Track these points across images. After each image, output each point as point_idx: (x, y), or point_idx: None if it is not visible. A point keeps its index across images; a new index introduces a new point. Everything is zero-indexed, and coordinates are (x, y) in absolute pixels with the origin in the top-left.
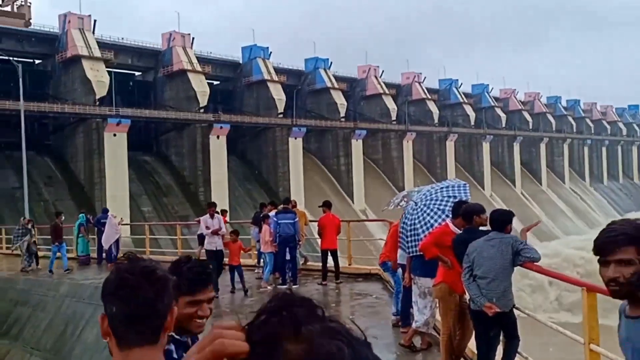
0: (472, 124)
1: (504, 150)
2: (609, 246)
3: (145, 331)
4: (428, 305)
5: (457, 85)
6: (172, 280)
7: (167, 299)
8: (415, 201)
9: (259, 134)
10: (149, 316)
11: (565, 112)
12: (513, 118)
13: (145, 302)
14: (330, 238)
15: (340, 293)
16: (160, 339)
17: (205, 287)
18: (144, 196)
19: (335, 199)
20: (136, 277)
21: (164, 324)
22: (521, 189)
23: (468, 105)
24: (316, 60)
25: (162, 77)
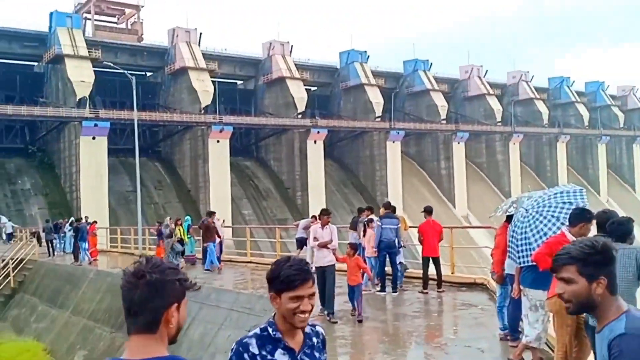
0: (586, 124)
1: (622, 152)
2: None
3: (140, 323)
4: (540, 319)
5: (569, 84)
6: (169, 282)
7: (159, 299)
8: (525, 208)
9: (356, 138)
10: (142, 311)
11: None
12: (632, 117)
13: (138, 300)
14: (431, 245)
15: (442, 302)
16: (159, 330)
17: (305, 283)
18: (244, 199)
19: (436, 204)
20: (133, 279)
21: (158, 318)
22: None
23: (581, 104)
24: (415, 62)
25: (262, 84)
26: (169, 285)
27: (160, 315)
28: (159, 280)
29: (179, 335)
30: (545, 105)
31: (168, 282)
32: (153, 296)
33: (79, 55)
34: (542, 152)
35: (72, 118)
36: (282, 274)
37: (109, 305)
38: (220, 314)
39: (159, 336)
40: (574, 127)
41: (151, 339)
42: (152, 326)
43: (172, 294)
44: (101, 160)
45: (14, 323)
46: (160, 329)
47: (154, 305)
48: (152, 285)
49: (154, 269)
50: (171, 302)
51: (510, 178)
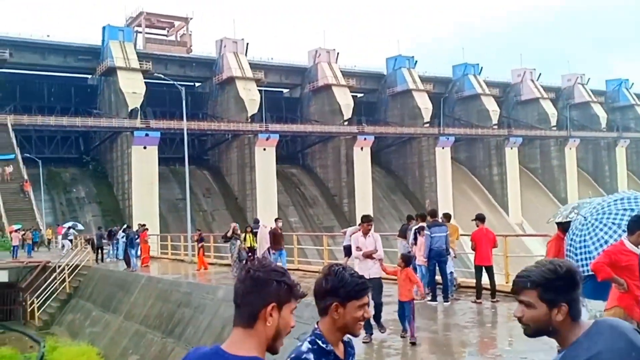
0: None
1: None
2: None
3: (241, 315)
4: None
5: (628, 86)
6: (270, 281)
7: (257, 294)
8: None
9: (403, 144)
10: (243, 304)
11: None
12: None
13: (241, 293)
14: (485, 253)
15: (496, 313)
16: (256, 326)
17: (367, 291)
18: (291, 207)
19: (488, 212)
20: (242, 274)
21: (256, 313)
22: None
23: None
24: (465, 66)
25: (308, 92)
26: (270, 283)
27: (257, 310)
28: (261, 277)
29: (280, 341)
30: (602, 108)
31: (269, 281)
32: (253, 291)
33: (130, 67)
34: (600, 157)
35: (124, 128)
36: (350, 283)
37: (160, 311)
38: None
39: (256, 333)
40: (634, 131)
41: (248, 334)
42: (250, 320)
43: (272, 292)
44: (152, 168)
45: (69, 327)
46: (257, 325)
47: (252, 299)
48: (254, 280)
49: (261, 267)
50: (269, 301)
51: (566, 184)
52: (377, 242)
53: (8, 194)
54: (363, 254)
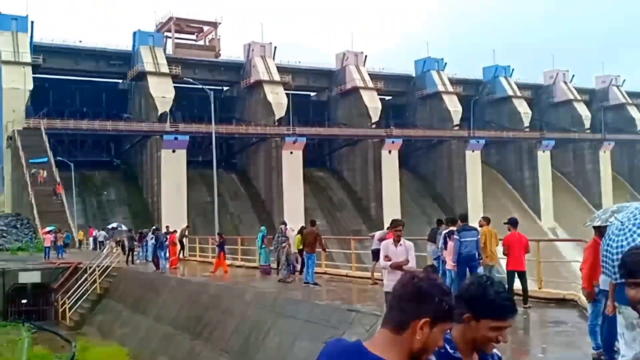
0: None
1: None
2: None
3: (391, 318)
4: (638, 339)
5: None
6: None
7: (414, 303)
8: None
9: (432, 147)
10: (396, 308)
11: None
12: None
13: (398, 297)
14: (517, 258)
15: (529, 319)
16: (404, 334)
17: (514, 315)
18: (317, 210)
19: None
20: (407, 280)
21: (406, 321)
22: None
23: None
24: (496, 68)
25: (336, 95)
26: (431, 299)
27: (409, 318)
28: (423, 289)
29: (425, 357)
30: (638, 111)
31: (431, 296)
32: (411, 300)
33: (160, 72)
34: (636, 161)
35: (154, 132)
36: (495, 301)
37: (189, 313)
38: (296, 324)
39: (402, 341)
40: None
41: (394, 340)
42: (398, 326)
43: (429, 307)
44: (181, 172)
45: (100, 328)
46: (405, 334)
47: (407, 307)
48: (416, 289)
49: (427, 280)
50: (424, 314)
51: (600, 188)
52: (410, 251)
53: (41, 197)
54: (392, 264)
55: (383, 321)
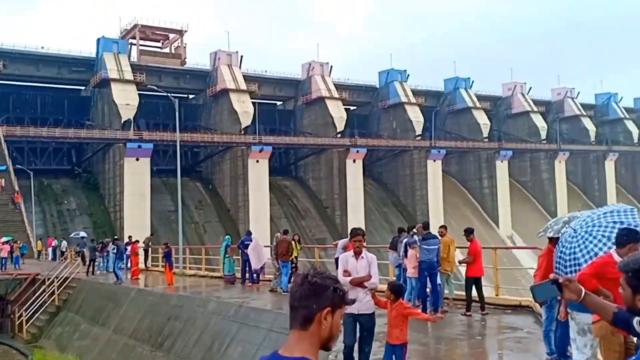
0: (636, 141)
1: None
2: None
3: (297, 318)
4: (588, 344)
5: (617, 100)
6: (326, 287)
7: (314, 298)
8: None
9: (395, 157)
10: (300, 307)
11: None
12: None
13: (298, 297)
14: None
15: (486, 325)
16: (312, 328)
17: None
18: (283, 219)
19: (478, 224)
20: (299, 280)
21: (312, 316)
22: None
23: (630, 120)
24: (456, 80)
25: (302, 105)
26: (326, 289)
27: (313, 313)
28: (318, 283)
29: (332, 343)
30: (592, 122)
31: (325, 287)
32: (310, 295)
33: (124, 79)
34: (589, 171)
35: (117, 140)
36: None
37: (150, 324)
38: (259, 334)
39: (311, 334)
40: (623, 145)
41: (305, 336)
42: (306, 323)
43: (327, 298)
44: (144, 180)
45: (58, 341)
46: (312, 327)
47: (309, 303)
48: (312, 286)
49: (317, 274)
50: (325, 305)
51: (556, 197)
52: (372, 265)
53: None
54: (352, 281)
55: (290, 324)
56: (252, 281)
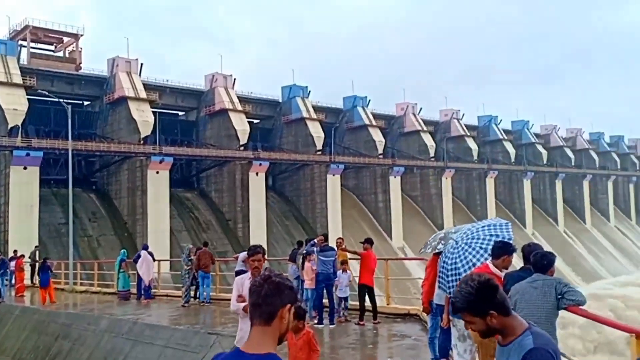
0: (513, 160)
1: (546, 188)
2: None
3: (261, 315)
4: (468, 349)
5: (497, 122)
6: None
7: (277, 296)
8: (455, 239)
9: (297, 170)
10: (264, 305)
11: (609, 149)
12: (554, 155)
13: (264, 295)
14: (369, 274)
15: (377, 334)
16: (274, 323)
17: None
18: (184, 231)
19: (373, 236)
20: (262, 280)
21: (275, 313)
22: (564, 227)
23: (508, 141)
24: (354, 98)
25: (205, 116)
26: (287, 288)
27: (276, 309)
28: (280, 283)
29: (285, 337)
30: (475, 142)
31: (286, 286)
32: (274, 294)
33: (12, 82)
34: (472, 187)
35: (3, 147)
36: None
37: (36, 344)
38: (155, 351)
39: (273, 329)
40: (502, 163)
41: (268, 331)
42: (270, 319)
43: (287, 296)
44: (32, 191)
45: None
46: (275, 322)
47: (273, 300)
48: (275, 285)
49: (277, 276)
50: (286, 302)
51: (443, 211)
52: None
53: None
54: (245, 308)
55: (252, 322)
56: (147, 297)
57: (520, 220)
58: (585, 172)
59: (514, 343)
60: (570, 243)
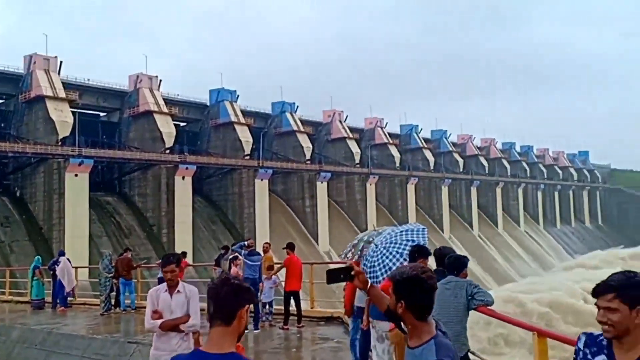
0: (432, 168)
1: (462, 194)
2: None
3: (222, 316)
4: (386, 350)
5: (417, 131)
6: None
7: (236, 298)
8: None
9: (225, 175)
10: (224, 307)
11: (520, 158)
12: (470, 163)
13: (223, 297)
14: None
15: (301, 337)
16: (234, 324)
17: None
18: (104, 237)
19: (300, 241)
20: (220, 283)
21: (234, 314)
22: (478, 231)
23: (427, 150)
24: (283, 104)
25: (128, 117)
26: (245, 290)
27: (236, 310)
28: (238, 285)
29: (242, 335)
30: (397, 149)
31: (245, 288)
32: (233, 296)
33: None
34: (394, 193)
35: None
36: None
37: None
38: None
39: (233, 329)
40: (422, 171)
41: (228, 331)
42: (230, 320)
43: (245, 298)
44: None
45: None
46: (235, 322)
47: (232, 302)
48: (233, 287)
49: (234, 279)
50: (244, 303)
51: (367, 216)
52: (192, 301)
53: None
54: (162, 325)
55: (212, 323)
56: (63, 305)
57: (439, 225)
58: (498, 180)
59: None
60: (483, 247)
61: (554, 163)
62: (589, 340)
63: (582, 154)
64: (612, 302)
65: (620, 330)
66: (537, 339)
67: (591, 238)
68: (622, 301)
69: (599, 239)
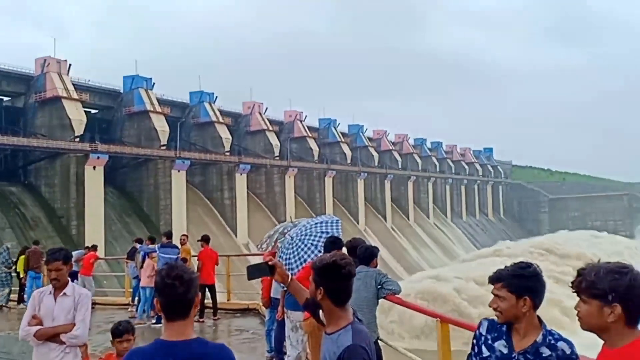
0: (349, 161)
1: (377, 187)
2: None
3: (179, 312)
4: (300, 339)
5: (335, 125)
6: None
7: (192, 290)
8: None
9: (139, 165)
10: (182, 301)
11: (430, 153)
12: (384, 157)
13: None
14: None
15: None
16: (190, 315)
17: None
18: (8, 229)
19: (219, 233)
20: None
21: (191, 305)
22: (392, 223)
23: (345, 144)
24: (201, 94)
25: (34, 103)
26: (195, 280)
27: (192, 302)
28: (190, 277)
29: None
30: (316, 143)
31: (193, 277)
32: (189, 289)
33: None
34: (313, 185)
35: None
36: None
37: None
38: None
39: (190, 319)
40: (339, 164)
41: (188, 322)
42: (188, 311)
43: (196, 286)
44: None
45: None
46: (191, 313)
47: (190, 295)
48: (187, 281)
49: (183, 271)
50: (196, 292)
51: (286, 208)
52: (80, 307)
53: None
54: (37, 334)
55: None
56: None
57: (354, 217)
58: (410, 174)
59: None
60: (396, 238)
61: (461, 159)
62: (491, 326)
63: (487, 151)
64: (501, 291)
65: (508, 317)
66: (441, 325)
67: (494, 230)
68: (509, 290)
69: (501, 230)
